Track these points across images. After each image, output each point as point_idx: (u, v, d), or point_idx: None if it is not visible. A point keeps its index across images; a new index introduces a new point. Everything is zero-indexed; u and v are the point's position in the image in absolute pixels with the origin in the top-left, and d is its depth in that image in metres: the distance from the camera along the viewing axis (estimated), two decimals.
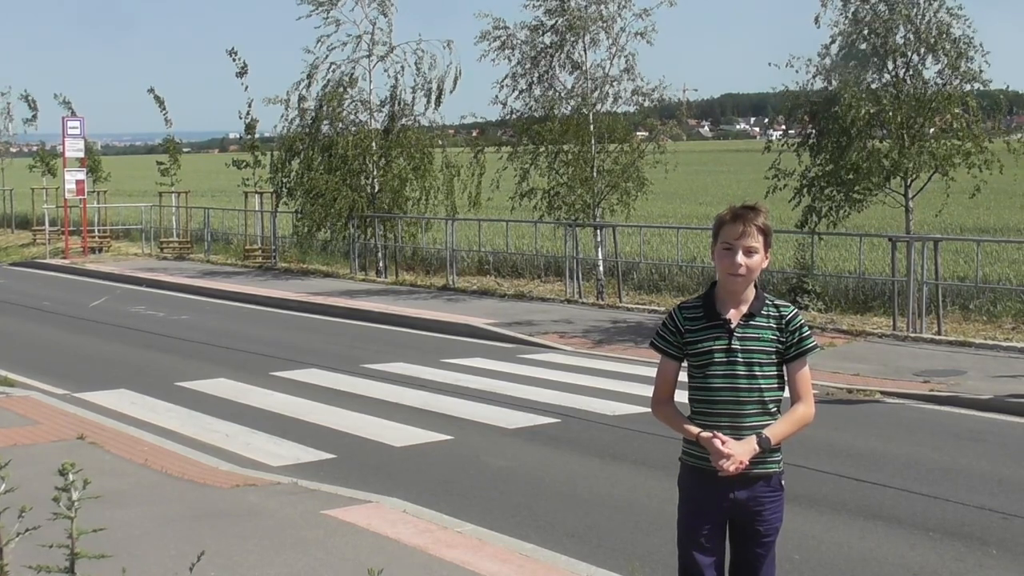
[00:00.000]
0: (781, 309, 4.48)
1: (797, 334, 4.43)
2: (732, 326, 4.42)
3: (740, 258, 4.37)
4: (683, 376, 4.58)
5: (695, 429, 4.42)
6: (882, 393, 12.77)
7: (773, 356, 4.43)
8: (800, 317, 4.50)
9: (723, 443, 4.31)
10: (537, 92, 21.68)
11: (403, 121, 26.04)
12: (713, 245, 4.52)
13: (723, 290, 4.48)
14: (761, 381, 4.41)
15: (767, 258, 4.46)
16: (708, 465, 4.38)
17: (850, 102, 16.53)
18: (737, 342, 4.40)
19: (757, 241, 4.39)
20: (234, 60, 28.95)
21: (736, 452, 4.30)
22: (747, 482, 4.41)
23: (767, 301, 4.48)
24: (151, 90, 33.10)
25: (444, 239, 24.81)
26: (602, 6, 21.32)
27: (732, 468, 4.29)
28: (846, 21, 17.07)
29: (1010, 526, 7.93)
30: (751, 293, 4.46)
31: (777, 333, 4.43)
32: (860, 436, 10.80)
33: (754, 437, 4.36)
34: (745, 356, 4.40)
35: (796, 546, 7.22)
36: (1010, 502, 8.49)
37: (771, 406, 4.44)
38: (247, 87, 29.24)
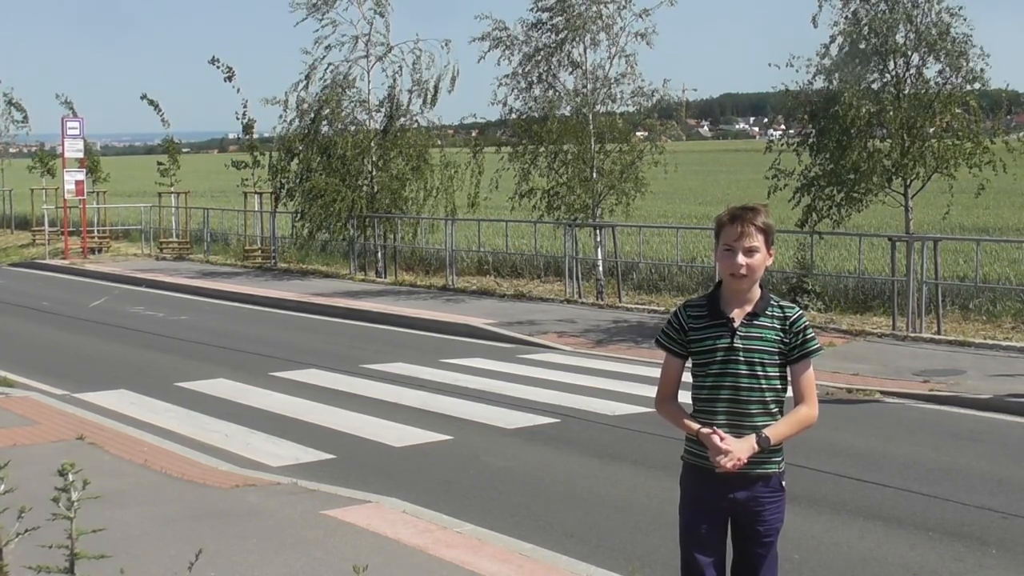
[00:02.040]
0: (786, 310, 4.47)
1: (801, 336, 4.43)
2: (735, 325, 4.42)
3: (741, 259, 4.37)
4: (687, 375, 4.59)
5: (695, 425, 4.43)
6: (882, 393, 12.77)
7: (776, 356, 4.42)
8: (805, 319, 4.49)
9: (721, 439, 4.31)
10: (537, 92, 21.68)
11: (401, 121, 26.04)
12: (716, 247, 4.52)
13: (727, 290, 4.47)
14: (763, 381, 4.40)
15: (770, 256, 4.46)
16: (709, 463, 4.38)
17: (851, 101, 16.52)
18: (740, 341, 4.40)
19: (757, 240, 4.39)
20: (217, 67, 28.93)
21: (734, 449, 4.29)
22: (747, 482, 4.41)
23: (772, 301, 4.48)
24: (144, 96, 33.09)
25: (443, 239, 24.81)
26: (601, 6, 21.32)
27: (729, 465, 4.28)
28: (846, 20, 17.07)
29: (1010, 526, 7.93)
30: (756, 293, 4.47)
31: (781, 334, 4.43)
32: (860, 436, 10.80)
33: (753, 435, 4.35)
34: (747, 355, 4.39)
35: (796, 546, 7.22)
36: (1010, 502, 8.49)
37: (773, 406, 4.43)
38: (239, 89, 29.22)
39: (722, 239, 4.44)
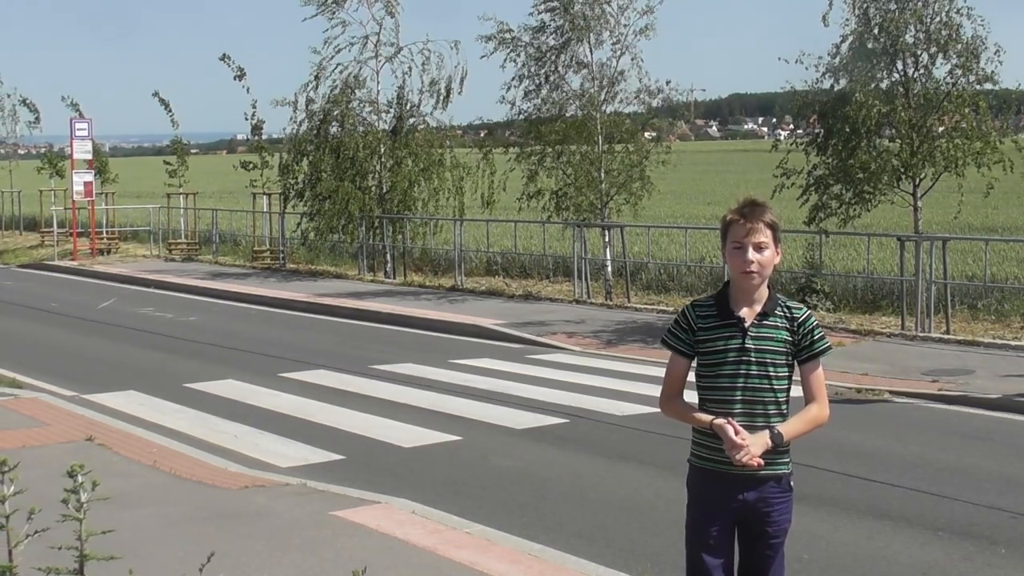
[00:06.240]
0: (793, 310, 4.46)
1: (810, 336, 4.42)
2: (746, 325, 4.40)
3: (751, 255, 4.35)
4: (691, 376, 4.57)
5: (707, 417, 4.37)
6: (891, 393, 12.75)
7: (785, 356, 4.41)
8: (813, 319, 4.48)
9: (736, 432, 4.29)
10: (544, 93, 21.65)
11: (411, 121, 26.05)
12: (723, 246, 4.49)
13: (737, 289, 4.45)
14: (774, 381, 4.39)
15: (778, 253, 4.44)
16: (717, 466, 4.38)
17: (862, 101, 16.47)
18: (751, 341, 4.39)
19: (766, 236, 4.37)
20: (229, 65, 28.92)
21: (749, 444, 4.27)
22: (756, 482, 4.39)
23: (780, 301, 4.47)
24: (156, 93, 33.10)
25: (452, 240, 24.82)
26: (605, 5, 21.28)
27: (746, 459, 4.26)
28: (856, 19, 17.02)
29: (1019, 525, 7.91)
30: (764, 293, 4.44)
31: (789, 334, 4.42)
32: (869, 436, 10.78)
33: (767, 431, 4.34)
34: (758, 356, 4.38)
35: (805, 546, 7.21)
36: (1019, 501, 8.47)
37: (784, 406, 4.43)
38: (248, 88, 29.21)
39: (730, 237, 4.41)
